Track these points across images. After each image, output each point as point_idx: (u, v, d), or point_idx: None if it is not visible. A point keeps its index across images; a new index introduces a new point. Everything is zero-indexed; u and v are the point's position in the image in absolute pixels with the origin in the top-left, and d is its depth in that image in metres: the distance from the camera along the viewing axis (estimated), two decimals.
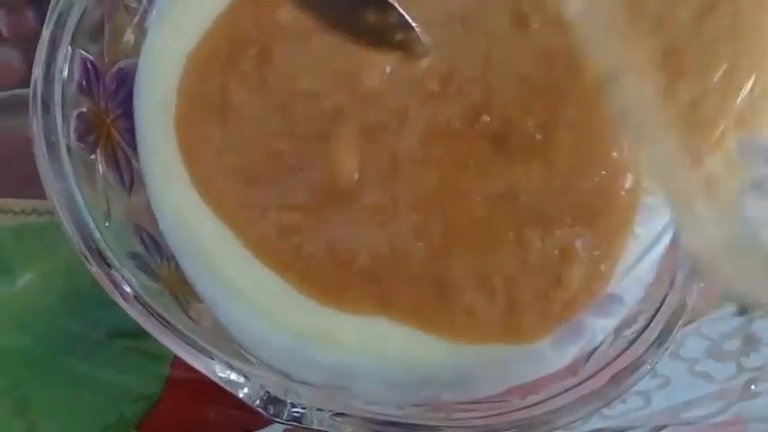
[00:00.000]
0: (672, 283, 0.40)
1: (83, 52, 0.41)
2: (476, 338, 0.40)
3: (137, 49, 0.43)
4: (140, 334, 0.38)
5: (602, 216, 0.41)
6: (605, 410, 0.46)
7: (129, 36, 0.44)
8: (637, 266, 0.41)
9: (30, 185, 0.40)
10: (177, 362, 0.38)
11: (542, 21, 0.42)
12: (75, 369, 0.47)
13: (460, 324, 0.40)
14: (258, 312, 0.41)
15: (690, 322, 0.48)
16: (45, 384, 0.46)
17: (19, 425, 0.46)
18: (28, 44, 0.44)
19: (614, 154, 0.41)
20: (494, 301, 0.40)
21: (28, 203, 0.49)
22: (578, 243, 0.40)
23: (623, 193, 0.41)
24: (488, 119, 0.41)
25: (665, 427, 0.47)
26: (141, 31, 0.43)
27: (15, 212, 0.49)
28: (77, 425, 0.46)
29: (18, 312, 0.47)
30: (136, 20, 0.44)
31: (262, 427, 0.46)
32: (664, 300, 0.40)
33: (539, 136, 0.41)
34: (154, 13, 0.44)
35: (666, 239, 0.41)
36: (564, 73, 0.41)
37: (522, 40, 0.42)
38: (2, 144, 0.49)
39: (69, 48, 0.40)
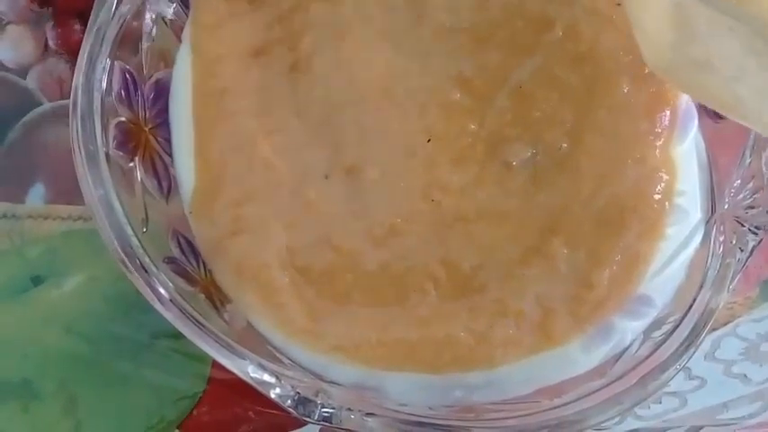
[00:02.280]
0: (701, 285, 0.40)
1: (121, 63, 0.42)
2: (512, 359, 0.40)
3: (173, 59, 0.44)
4: (182, 335, 0.40)
5: (633, 218, 0.40)
6: (640, 411, 0.46)
7: (167, 47, 0.44)
8: (667, 268, 0.40)
9: (77, 192, 0.41)
10: (217, 362, 0.39)
11: (567, 24, 0.41)
12: (121, 370, 0.48)
13: (497, 354, 0.40)
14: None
15: (726, 323, 0.48)
16: (92, 385, 0.48)
17: (66, 424, 0.47)
18: (75, 56, 0.45)
19: (644, 155, 0.40)
20: (528, 320, 0.40)
21: (75, 209, 0.50)
22: (608, 245, 0.40)
23: (655, 195, 0.40)
24: (513, 142, 0.41)
25: (701, 428, 0.46)
26: (178, 42, 0.44)
27: (63, 218, 0.50)
28: (123, 424, 0.48)
29: (66, 315, 0.49)
30: (173, 31, 0.45)
31: (299, 427, 0.47)
32: (693, 301, 0.40)
33: (565, 145, 0.41)
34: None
35: (697, 240, 0.41)
36: (591, 75, 0.41)
37: (550, 46, 0.42)
38: (50, 152, 0.51)
39: (108, 59, 0.42)
